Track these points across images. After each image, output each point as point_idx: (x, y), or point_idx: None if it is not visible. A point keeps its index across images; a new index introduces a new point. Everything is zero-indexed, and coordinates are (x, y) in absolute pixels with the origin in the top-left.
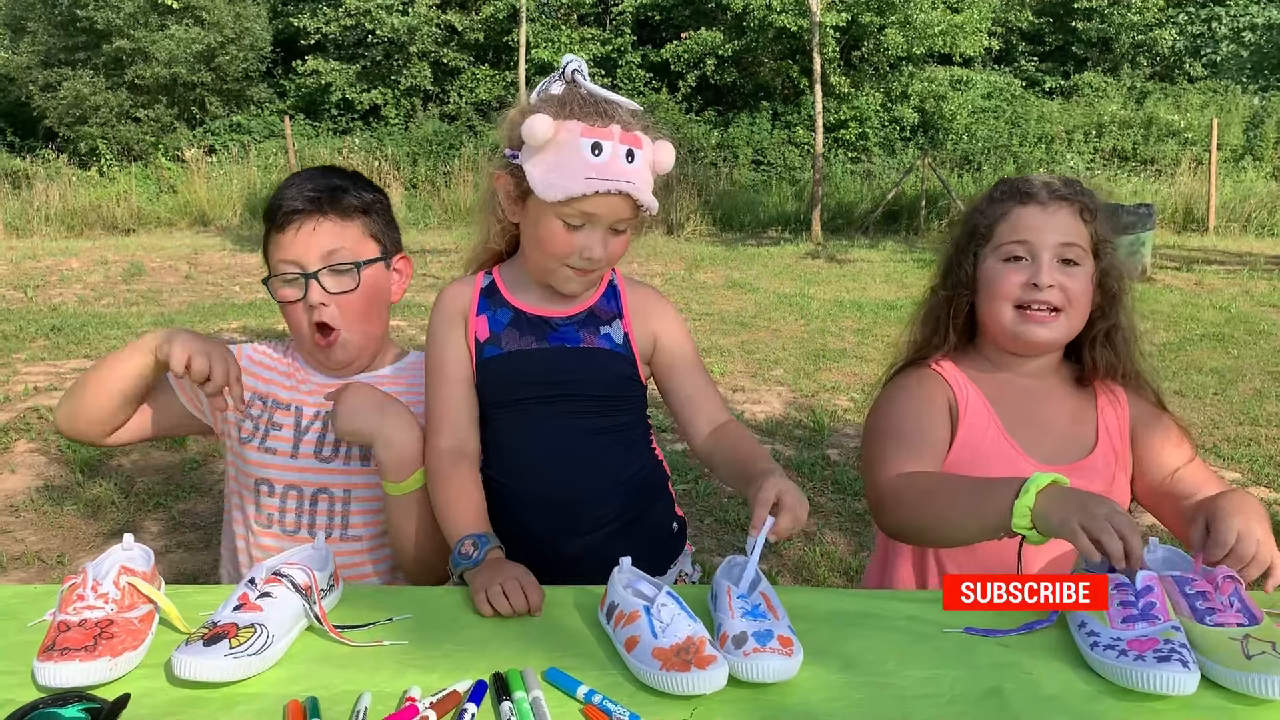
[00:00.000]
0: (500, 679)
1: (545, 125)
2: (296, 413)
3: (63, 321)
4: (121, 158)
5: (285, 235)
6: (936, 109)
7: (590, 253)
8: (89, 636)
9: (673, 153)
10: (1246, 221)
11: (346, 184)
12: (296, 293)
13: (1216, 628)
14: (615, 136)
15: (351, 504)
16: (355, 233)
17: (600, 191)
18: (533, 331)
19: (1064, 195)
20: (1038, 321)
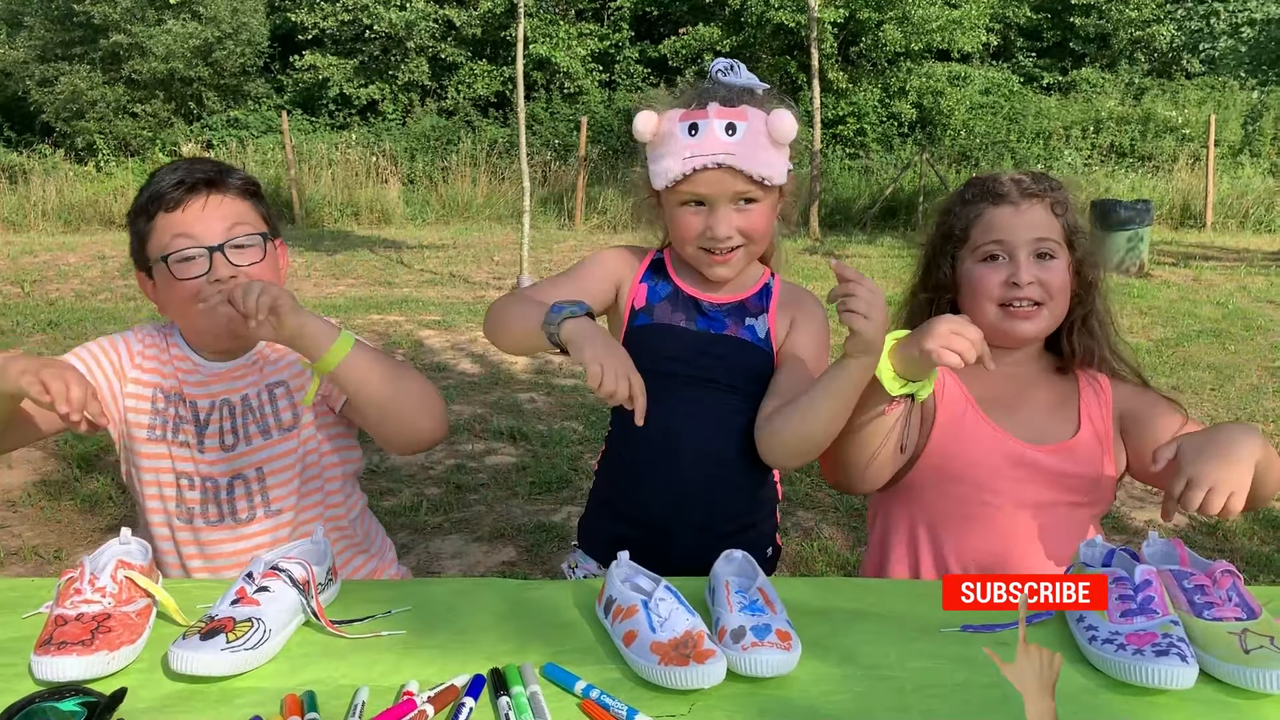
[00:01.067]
0: (498, 674)
1: (646, 120)
2: (193, 407)
3: (60, 316)
4: (119, 153)
5: (183, 214)
6: (934, 105)
7: (714, 231)
8: (86, 630)
9: (790, 120)
10: (1244, 218)
11: (229, 166)
12: (200, 268)
13: (1215, 622)
14: (712, 114)
15: (267, 479)
16: (250, 209)
17: (698, 168)
18: (684, 310)
19: (1034, 192)
20: (1021, 317)
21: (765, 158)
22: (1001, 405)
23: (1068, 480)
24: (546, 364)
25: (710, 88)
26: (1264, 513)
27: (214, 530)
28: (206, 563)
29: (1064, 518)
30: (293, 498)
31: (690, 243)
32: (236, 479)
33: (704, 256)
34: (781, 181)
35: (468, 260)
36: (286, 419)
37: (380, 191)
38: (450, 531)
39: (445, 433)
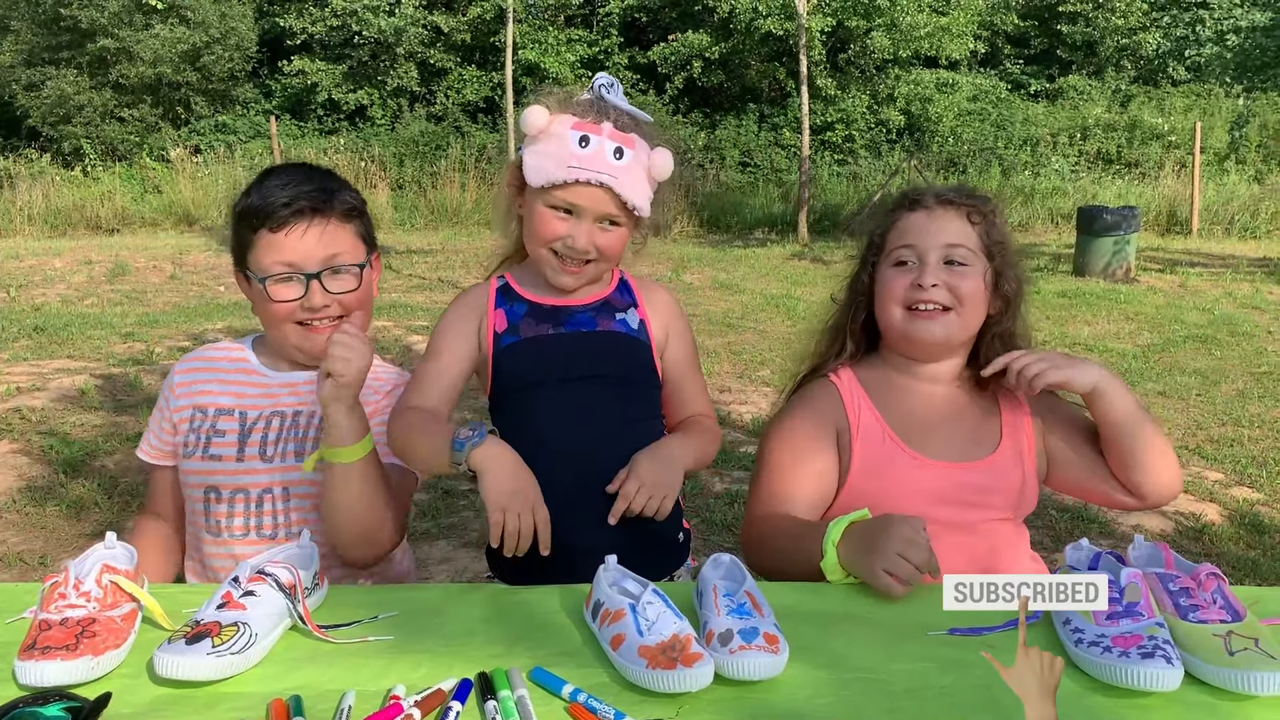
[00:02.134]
0: (485, 678)
1: (538, 114)
2: (241, 417)
3: (46, 321)
4: (106, 157)
5: (285, 237)
6: (922, 111)
7: (573, 241)
8: (71, 635)
9: (670, 160)
10: (1230, 224)
11: (340, 185)
12: (295, 292)
13: (1200, 624)
14: (605, 133)
15: (291, 500)
16: (351, 235)
17: (580, 180)
18: (549, 319)
19: (951, 200)
20: (926, 318)
21: (640, 189)
22: (921, 429)
23: (992, 496)
24: None
25: (604, 105)
26: (1249, 517)
27: (241, 544)
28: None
29: (993, 533)
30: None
31: (546, 244)
32: (266, 493)
33: (553, 261)
34: (646, 215)
35: (456, 265)
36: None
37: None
38: (439, 537)
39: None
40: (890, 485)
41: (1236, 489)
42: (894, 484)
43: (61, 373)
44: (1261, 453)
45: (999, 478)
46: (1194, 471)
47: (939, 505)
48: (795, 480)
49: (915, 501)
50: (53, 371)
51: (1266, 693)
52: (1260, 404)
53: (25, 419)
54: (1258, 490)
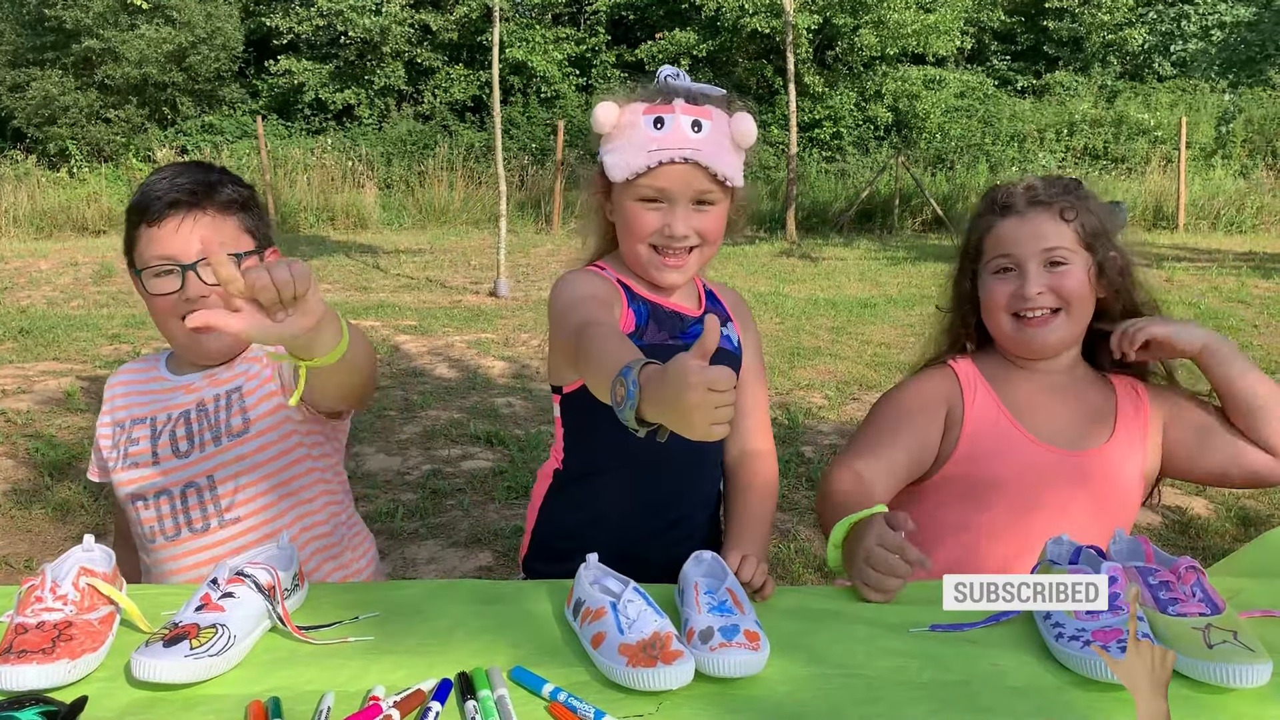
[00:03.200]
0: (465, 677)
1: (608, 111)
2: (151, 423)
3: (31, 324)
4: (92, 158)
5: (160, 229)
6: (910, 108)
7: (671, 229)
8: (47, 639)
9: (752, 123)
10: (1215, 219)
11: (221, 178)
12: (172, 285)
13: (1179, 617)
14: (678, 110)
15: (218, 488)
16: (232, 227)
17: (664, 161)
18: (667, 327)
19: (1041, 200)
20: (1037, 325)
21: (728, 159)
22: (1034, 412)
23: (1097, 486)
24: (524, 368)
25: (672, 86)
26: (1235, 510)
27: (175, 545)
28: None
29: (1092, 524)
30: (251, 504)
31: (644, 240)
32: (189, 487)
33: (655, 258)
34: (740, 185)
35: (444, 265)
36: (236, 424)
37: (356, 196)
38: (426, 537)
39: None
40: (1000, 455)
41: None
42: (1004, 453)
43: (47, 375)
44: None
45: (1109, 468)
46: None
47: (1046, 487)
48: (889, 439)
49: (1024, 471)
50: (38, 374)
51: (1245, 685)
52: None
53: (10, 422)
54: None
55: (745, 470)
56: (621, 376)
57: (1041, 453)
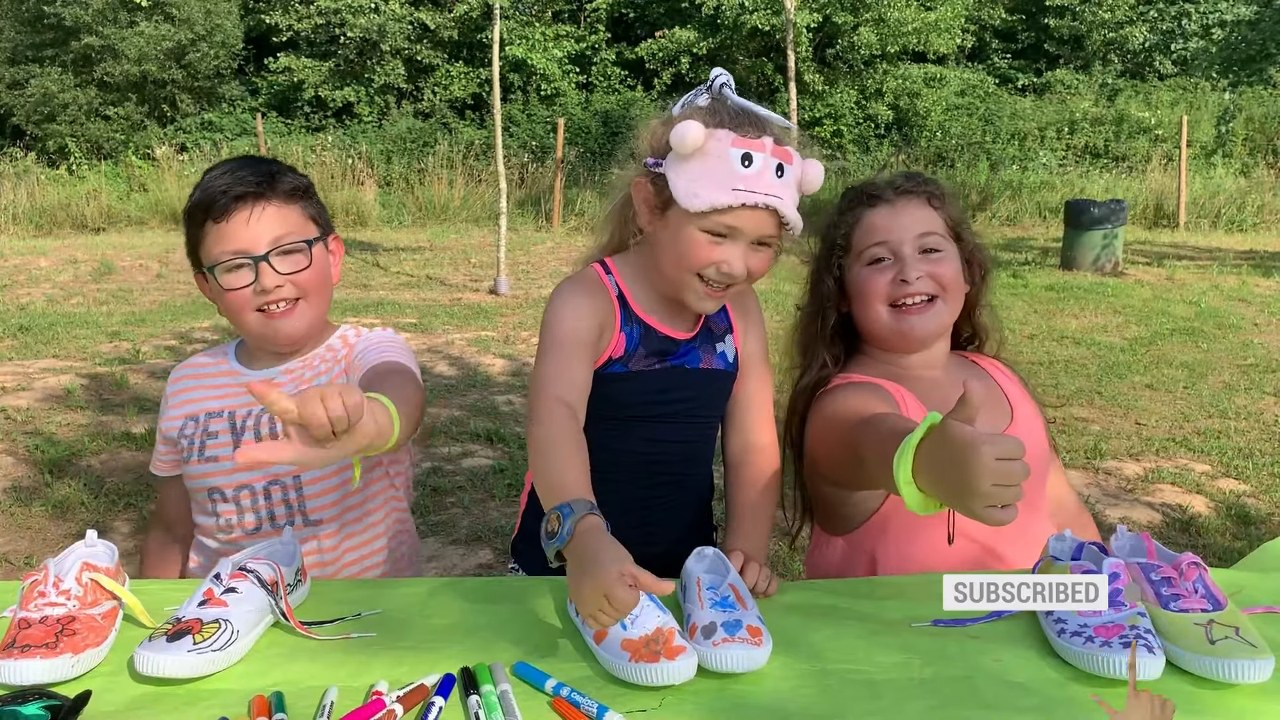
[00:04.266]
0: (468, 673)
1: (697, 132)
2: (230, 416)
3: (31, 321)
4: (91, 156)
5: (228, 224)
6: (910, 106)
7: (729, 267)
8: (50, 633)
9: (822, 173)
10: (1216, 217)
11: (279, 168)
12: (247, 278)
13: (1181, 613)
14: (768, 149)
15: (304, 487)
16: (298, 215)
17: (748, 205)
18: (657, 354)
19: (908, 189)
20: (915, 314)
21: (795, 206)
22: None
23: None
24: (524, 366)
25: (759, 118)
26: (1236, 509)
27: (253, 539)
28: None
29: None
30: (332, 510)
31: (693, 270)
32: (274, 484)
33: (698, 286)
34: (799, 231)
35: (444, 263)
36: None
37: (356, 194)
38: (427, 534)
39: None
40: None
41: (1223, 480)
42: None
43: (47, 372)
44: (1248, 444)
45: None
46: (1181, 464)
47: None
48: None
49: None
50: (38, 371)
51: (1247, 681)
52: (1246, 396)
53: (10, 419)
54: (1244, 482)
55: (747, 465)
56: (560, 514)
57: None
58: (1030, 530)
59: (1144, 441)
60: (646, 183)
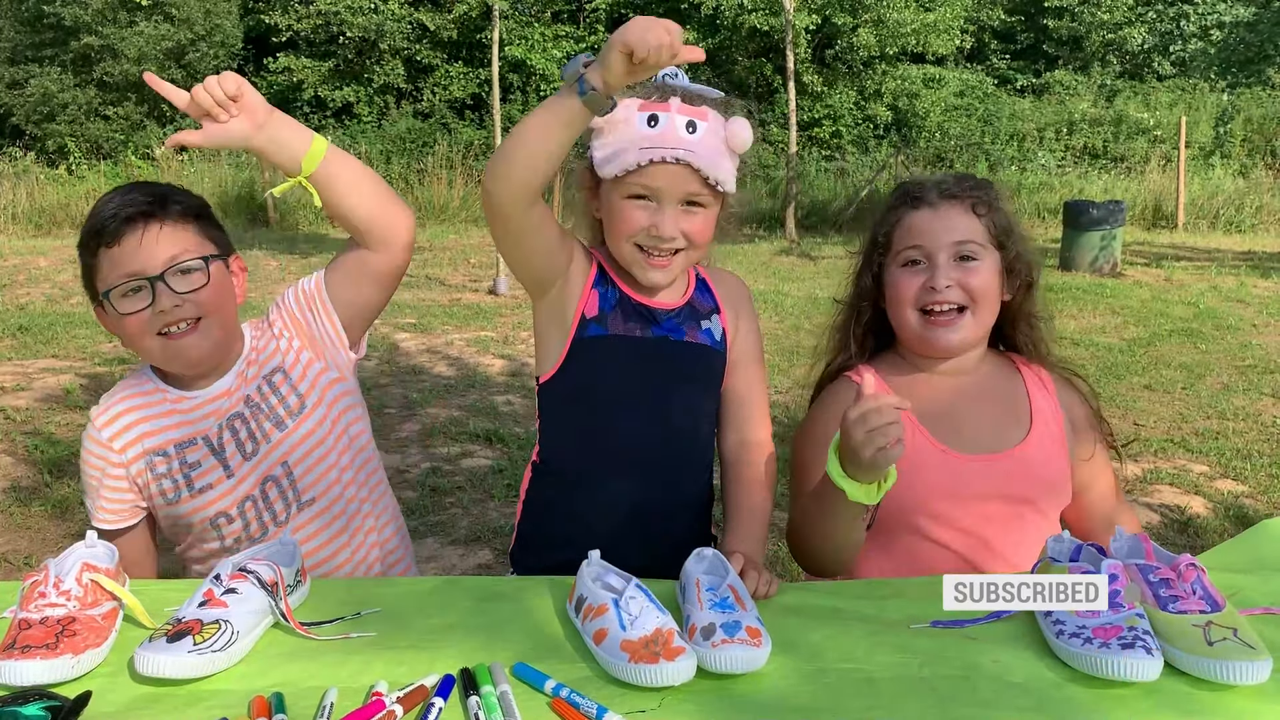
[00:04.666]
0: (468, 674)
1: None
2: (205, 441)
3: (30, 321)
4: (91, 156)
5: (121, 248)
6: (909, 107)
7: (659, 229)
8: (51, 634)
9: (748, 129)
10: (1214, 218)
11: (169, 191)
12: (144, 300)
13: (1179, 615)
14: (673, 109)
15: (293, 471)
16: (193, 234)
17: (655, 160)
18: (638, 318)
19: (954, 194)
20: (943, 325)
21: (721, 163)
22: (949, 420)
23: (1027, 486)
24: (523, 366)
25: (669, 84)
26: (1234, 509)
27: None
28: None
29: (1031, 524)
30: (321, 484)
31: (629, 238)
32: (268, 481)
33: (639, 257)
34: (731, 190)
35: (444, 263)
36: (293, 403)
37: None
38: (426, 535)
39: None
40: (923, 476)
41: (1221, 481)
42: (927, 474)
43: (46, 372)
44: (1246, 445)
45: (1035, 464)
46: (1179, 464)
47: (975, 500)
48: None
49: (950, 489)
50: (37, 371)
51: (1245, 682)
52: (1245, 397)
53: (10, 419)
54: (1242, 482)
55: (743, 462)
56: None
57: (959, 463)
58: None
59: (1142, 442)
60: (584, 168)
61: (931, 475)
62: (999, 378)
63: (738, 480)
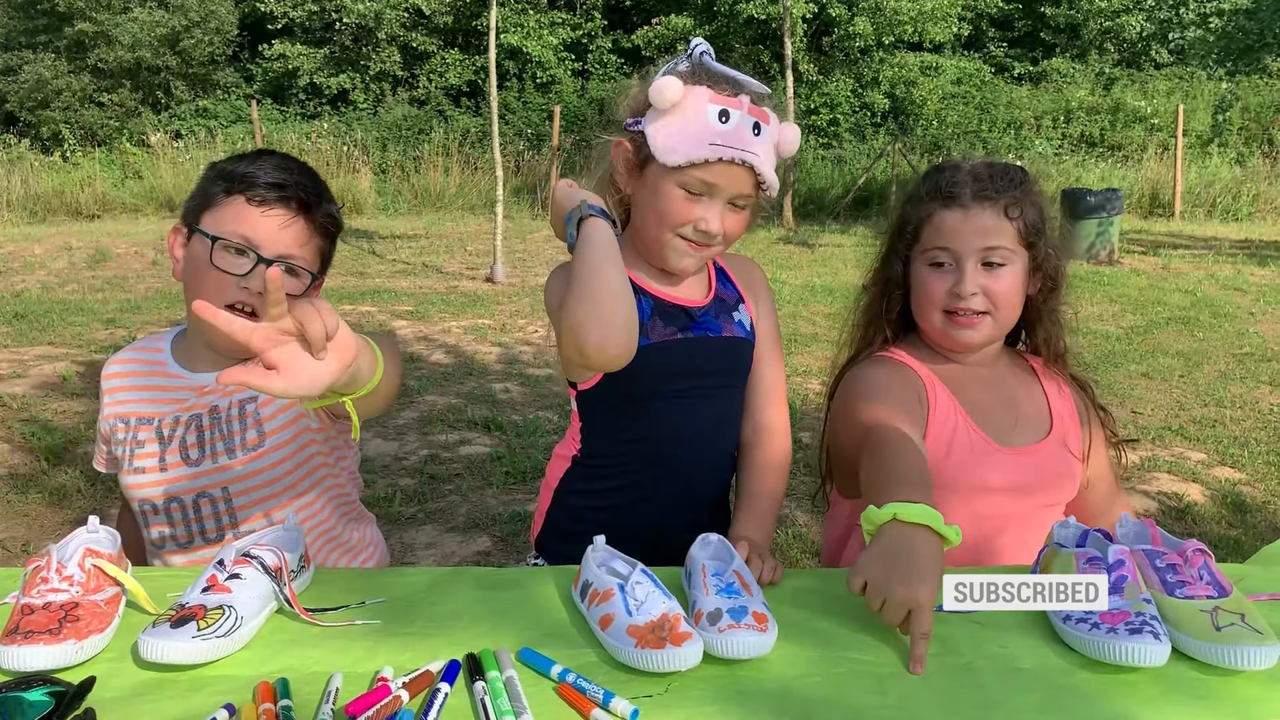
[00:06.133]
0: (473, 659)
1: (675, 87)
2: (158, 426)
3: (26, 308)
4: (85, 143)
5: (258, 212)
6: (907, 95)
7: (707, 224)
8: (54, 619)
9: (798, 136)
10: (1212, 207)
11: (328, 198)
12: (243, 266)
13: (1187, 600)
14: (744, 107)
15: (233, 500)
16: (314, 246)
17: (724, 159)
18: (675, 320)
19: (987, 194)
20: (964, 325)
21: (771, 166)
22: (984, 408)
23: (1044, 484)
24: (520, 354)
25: (737, 79)
26: (1231, 497)
27: (188, 553)
28: None
29: (1041, 517)
30: (264, 522)
31: (673, 228)
32: (202, 497)
33: (679, 245)
34: (775, 192)
35: (440, 250)
36: (252, 438)
37: (351, 182)
38: (424, 522)
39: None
40: (961, 459)
41: (1219, 469)
42: (965, 457)
43: (42, 360)
44: (1243, 433)
45: (1054, 464)
46: (1177, 452)
47: (994, 492)
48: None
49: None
50: (33, 359)
51: (1253, 667)
52: (1242, 385)
53: (6, 406)
54: (1240, 470)
55: (758, 447)
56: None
57: (995, 454)
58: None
59: (1140, 430)
60: (626, 143)
61: (963, 458)
62: (1015, 376)
63: (751, 465)
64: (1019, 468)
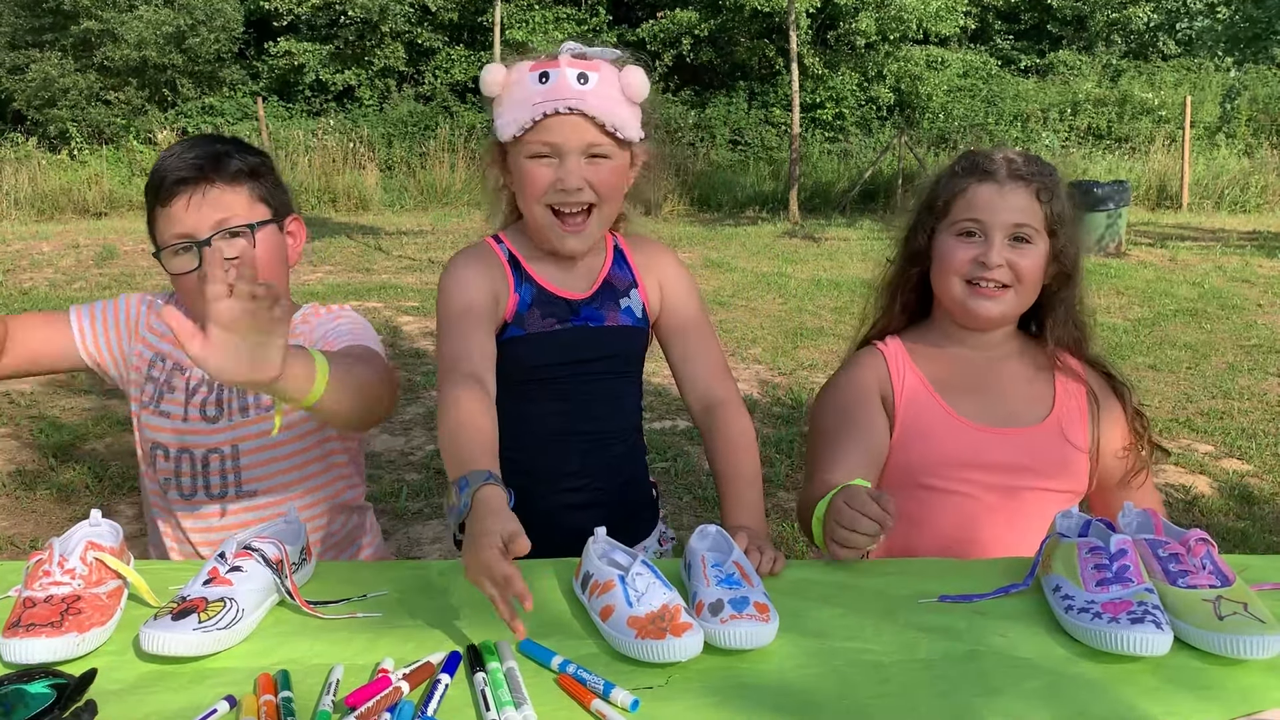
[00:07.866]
0: (474, 650)
1: (496, 73)
2: (188, 376)
3: (34, 306)
4: (92, 140)
5: (173, 208)
6: (913, 88)
7: (565, 183)
8: (55, 612)
9: (643, 76)
10: (1219, 198)
11: (228, 149)
12: (190, 263)
13: (1189, 589)
14: (563, 63)
15: (241, 458)
16: (244, 198)
17: (549, 113)
18: (555, 313)
19: (1022, 175)
20: (986, 296)
21: (618, 110)
22: (964, 389)
23: (1037, 463)
24: None
25: (564, 47)
26: (1239, 489)
27: (188, 504)
28: (179, 545)
29: (1037, 502)
30: (269, 480)
31: (539, 199)
32: (213, 453)
33: (553, 222)
34: (634, 137)
35: (446, 246)
36: (266, 399)
37: (357, 178)
38: (430, 517)
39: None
40: (933, 437)
41: (1226, 461)
42: (935, 444)
43: None
44: (1251, 425)
45: (1038, 449)
46: (1184, 444)
47: (976, 469)
48: (843, 445)
49: (957, 452)
50: None
51: (1256, 656)
52: (1249, 376)
53: (14, 403)
54: (1247, 462)
55: (715, 427)
56: (458, 486)
57: (968, 430)
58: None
59: None
60: (490, 143)
61: (940, 441)
62: (1026, 359)
63: (717, 449)
64: (1002, 445)
